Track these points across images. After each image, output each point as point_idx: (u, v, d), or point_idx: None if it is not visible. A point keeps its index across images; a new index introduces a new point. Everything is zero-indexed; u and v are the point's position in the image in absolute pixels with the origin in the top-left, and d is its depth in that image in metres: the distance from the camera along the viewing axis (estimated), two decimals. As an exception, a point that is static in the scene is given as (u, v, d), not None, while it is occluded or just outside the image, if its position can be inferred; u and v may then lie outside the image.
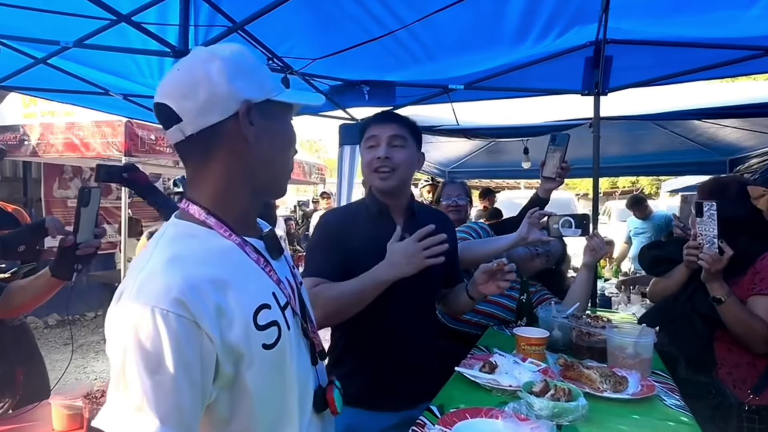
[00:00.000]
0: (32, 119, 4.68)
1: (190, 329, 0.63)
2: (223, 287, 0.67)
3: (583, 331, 1.53)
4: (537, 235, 1.70)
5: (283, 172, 0.81)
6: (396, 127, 1.41)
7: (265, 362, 0.71)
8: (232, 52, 0.74)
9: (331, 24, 2.30)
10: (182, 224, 0.74)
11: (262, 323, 0.70)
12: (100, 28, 2.16)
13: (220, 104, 0.71)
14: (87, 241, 1.26)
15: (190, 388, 0.63)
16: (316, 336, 0.85)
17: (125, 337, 0.62)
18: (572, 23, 2.24)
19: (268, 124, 0.75)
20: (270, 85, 0.76)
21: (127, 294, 0.65)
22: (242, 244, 0.74)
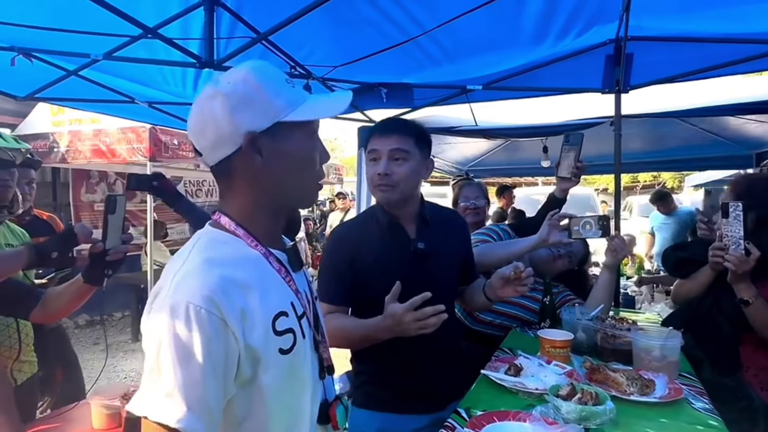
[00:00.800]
0: (61, 127, 4.84)
1: (219, 326, 0.68)
2: (248, 292, 0.73)
3: (608, 333, 1.53)
4: (557, 237, 1.70)
5: (303, 188, 0.83)
6: (397, 140, 1.37)
7: (280, 366, 0.75)
8: (235, 83, 0.76)
9: (350, 29, 2.33)
10: (215, 232, 0.80)
11: (279, 329, 0.76)
12: (128, 41, 2.23)
13: (226, 140, 0.76)
14: (115, 247, 1.32)
15: (215, 380, 0.68)
16: (326, 351, 0.89)
17: (161, 330, 0.67)
18: (592, 23, 2.23)
19: (280, 146, 0.77)
20: (278, 107, 0.76)
21: (165, 291, 0.70)
22: (267, 254, 0.80)
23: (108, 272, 1.31)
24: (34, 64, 2.47)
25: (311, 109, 0.78)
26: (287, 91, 0.78)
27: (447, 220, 1.55)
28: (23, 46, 2.37)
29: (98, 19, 2.01)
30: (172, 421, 0.65)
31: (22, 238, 1.89)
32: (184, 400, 0.66)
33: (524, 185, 12.78)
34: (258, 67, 0.79)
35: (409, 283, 1.34)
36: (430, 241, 1.42)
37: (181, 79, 2.96)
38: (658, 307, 3.30)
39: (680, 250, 1.82)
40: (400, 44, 2.29)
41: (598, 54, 2.62)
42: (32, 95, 2.87)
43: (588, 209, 8.99)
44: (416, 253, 1.40)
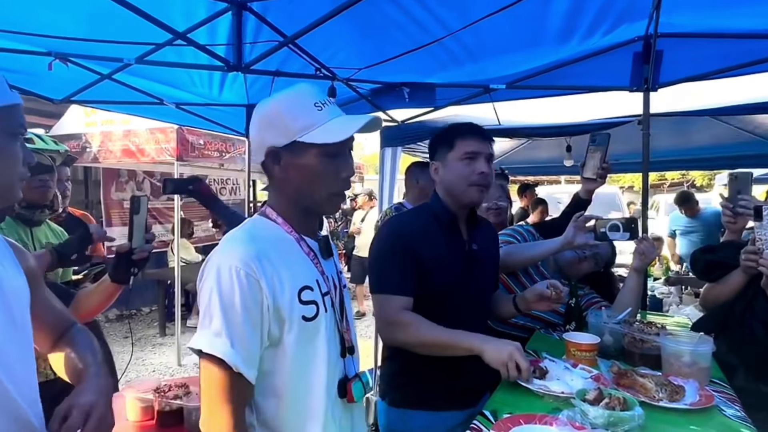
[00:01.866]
0: (93, 128, 5.00)
1: (254, 285, 0.86)
2: (280, 263, 0.90)
3: (635, 337, 1.51)
4: (583, 240, 1.70)
5: (316, 197, 0.96)
6: (491, 147, 1.48)
7: (302, 331, 0.91)
8: (268, 107, 0.96)
9: (375, 31, 2.35)
10: (260, 219, 1.00)
11: (304, 299, 0.92)
12: (159, 45, 2.30)
13: (258, 150, 0.98)
14: (140, 246, 1.36)
15: (252, 327, 0.86)
16: (348, 332, 1.03)
17: (212, 284, 0.86)
18: (620, 21, 2.19)
19: (295, 161, 0.94)
20: (294, 129, 0.92)
21: (216, 254, 0.90)
22: (299, 239, 0.99)
23: (134, 271, 1.36)
24: (69, 69, 2.57)
25: (323, 133, 0.92)
26: (308, 116, 0.93)
27: (485, 224, 1.61)
28: (60, 51, 2.47)
29: (131, 25, 2.08)
30: (219, 352, 0.83)
31: (61, 237, 1.98)
32: (229, 338, 0.84)
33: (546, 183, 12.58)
34: (291, 94, 0.96)
35: (463, 282, 1.42)
36: (479, 243, 1.50)
37: (208, 81, 3.04)
38: (687, 309, 3.22)
39: (709, 252, 1.78)
40: (424, 46, 2.29)
41: (625, 52, 2.58)
42: (68, 98, 2.98)
43: (613, 208, 8.80)
44: (470, 253, 1.47)
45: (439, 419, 1.44)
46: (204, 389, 0.87)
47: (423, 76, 3.02)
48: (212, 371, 0.85)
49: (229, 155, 5.23)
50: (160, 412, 1.64)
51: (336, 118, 0.94)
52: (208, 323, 0.86)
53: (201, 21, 2.12)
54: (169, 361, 4.87)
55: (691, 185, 21.39)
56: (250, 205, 6.53)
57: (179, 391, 1.67)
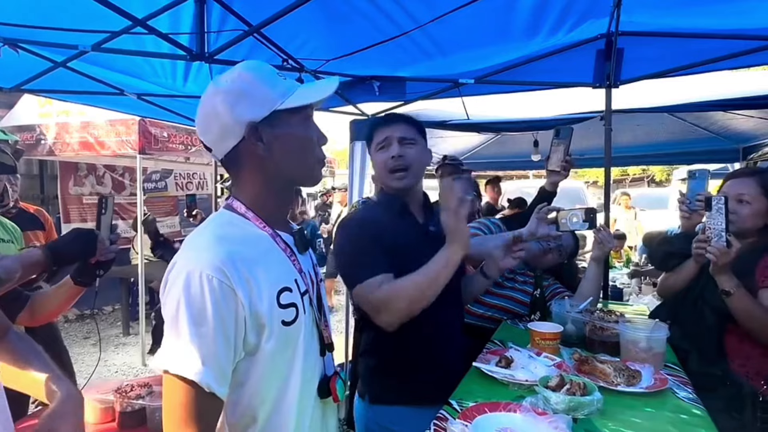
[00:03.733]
0: (48, 119, 4.76)
1: (228, 293, 0.77)
2: (255, 266, 0.81)
3: (596, 325, 1.56)
4: (546, 231, 1.73)
5: (305, 166, 0.91)
6: (405, 127, 1.47)
7: (281, 337, 0.83)
8: (233, 80, 0.86)
9: (343, 22, 2.32)
10: (227, 214, 0.90)
11: (283, 302, 0.84)
12: (117, 32, 2.20)
13: (230, 132, 0.85)
14: (107, 248, 1.31)
15: (224, 341, 0.77)
16: (326, 329, 0.97)
17: (179, 294, 0.76)
18: (584, 17, 2.24)
19: (279, 132, 0.86)
20: (273, 97, 0.85)
21: (182, 261, 0.79)
22: (273, 235, 0.90)
23: (99, 272, 1.31)
24: (20, 56, 2.43)
25: (303, 96, 0.86)
26: (281, 83, 0.87)
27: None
28: (10, 36, 2.32)
29: (87, 11, 1.98)
30: (189, 373, 0.74)
31: (14, 233, 1.87)
32: (199, 355, 0.75)
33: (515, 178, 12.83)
34: (252, 65, 0.89)
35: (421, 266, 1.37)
36: (437, 225, 1.45)
37: (171, 71, 2.93)
38: (646, 299, 3.37)
39: (666, 244, 1.85)
40: (393, 38, 2.29)
41: (589, 49, 2.64)
42: (18, 87, 2.81)
43: (578, 202, 9.07)
44: (428, 235, 1.47)
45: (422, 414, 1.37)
46: (169, 410, 0.77)
47: (393, 69, 3.01)
48: (179, 391, 0.76)
49: (195, 148, 5.08)
50: (122, 413, 1.58)
51: (303, 86, 0.89)
52: (175, 338, 0.76)
53: (162, 7, 2.03)
54: (133, 361, 4.72)
55: (651, 180, 22.29)
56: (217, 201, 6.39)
57: (142, 391, 1.61)
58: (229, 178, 0.98)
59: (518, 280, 2.08)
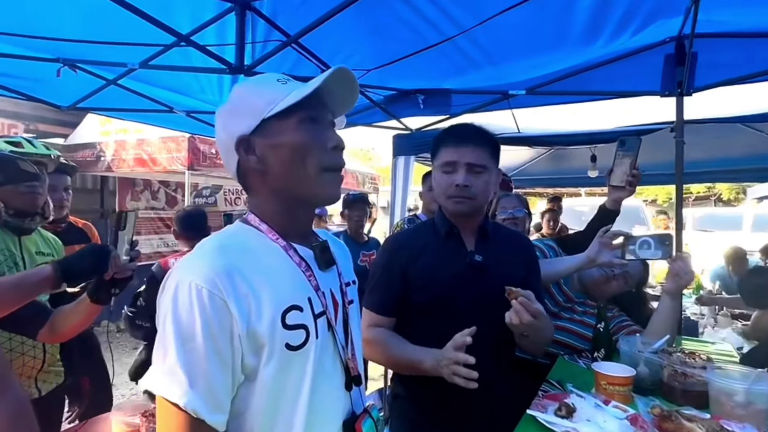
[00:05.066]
0: (107, 137, 5.02)
1: (220, 307, 0.69)
2: (258, 279, 0.73)
3: (677, 370, 1.32)
4: (608, 258, 1.55)
5: (306, 177, 0.79)
6: (474, 151, 1.30)
7: (284, 362, 0.73)
8: (229, 98, 0.82)
9: (385, 32, 2.23)
10: (241, 225, 0.83)
11: (290, 323, 0.74)
12: (163, 49, 2.23)
13: (229, 152, 0.81)
14: (123, 265, 1.26)
15: (218, 361, 0.68)
16: (352, 359, 0.84)
17: (167, 305, 0.69)
18: (652, 17, 2.02)
19: (271, 142, 0.78)
20: (260, 106, 0.77)
21: (176, 270, 0.72)
22: (287, 247, 0.81)
23: (115, 291, 1.26)
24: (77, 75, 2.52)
25: (292, 97, 0.77)
26: (272, 90, 0.79)
27: (510, 237, 1.44)
28: (68, 57, 2.42)
29: (136, 29, 2.02)
30: (174, 396, 0.66)
31: (54, 246, 1.88)
32: (186, 376, 0.67)
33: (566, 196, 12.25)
34: (250, 79, 0.85)
35: (461, 295, 1.29)
36: (488, 255, 1.34)
37: (218, 87, 2.96)
38: (724, 333, 2.96)
39: (761, 275, 1.57)
40: (437, 44, 2.17)
41: (655, 54, 2.40)
42: (75, 105, 2.94)
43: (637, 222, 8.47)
44: (472, 265, 1.32)
45: None
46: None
47: (438, 81, 2.90)
48: (169, 416, 0.68)
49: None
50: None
51: (300, 87, 0.79)
52: (162, 357, 0.68)
53: (206, 22, 2.04)
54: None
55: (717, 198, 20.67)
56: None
57: (167, 416, 1.54)
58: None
59: (577, 310, 1.85)
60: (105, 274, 1.26)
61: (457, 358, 1.11)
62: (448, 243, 1.36)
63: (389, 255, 1.40)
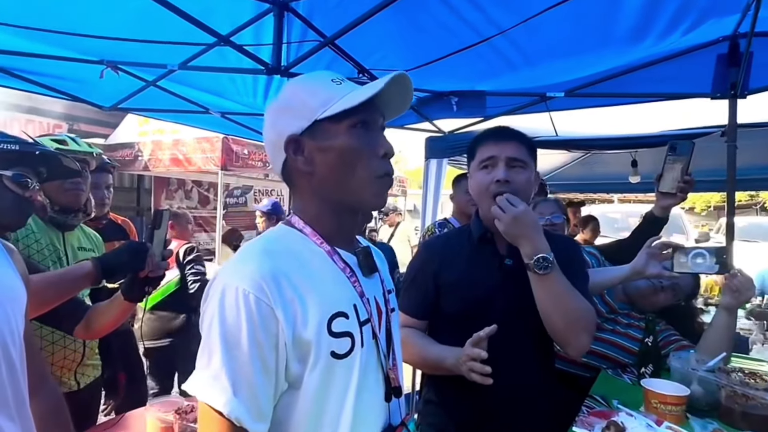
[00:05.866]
0: (145, 137, 5.17)
1: (267, 313, 0.67)
2: (305, 284, 0.71)
3: (737, 391, 1.22)
4: (657, 270, 1.46)
5: (355, 183, 0.77)
6: (515, 146, 1.26)
7: (329, 371, 0.71)
8: (280, 95, 0.80)
9: (421, 33, 2.20)
10: (284, 228, 0.81)
11: (336, 330, 0.72)
12: (202, 50, 2.26)
13: (276, 150, 0.79)
14: (158, 263, 1.27)
15: (262, 368, 0.67)
16: (393, 370, 0.81)
17: (213, 310, 0.68)
18: (705, 16, 1.91)
19: (321, 144, 0.76)
20: (313, 107, 0.75)
21: (222, 274, 0.71)
22: (331, 252, 0.78)
23: (148, 289, 1.27)
24: (119, 77, 2.59)
25: (349, 99, 0.74)
26: (326, 91, 0.76)
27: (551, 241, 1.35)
28: (111, 59, 2.49)
29: (175, 30, 2.05)
30: (218, 403, 0.65)
31: (95, 242, 1.93)
32: (230, 383, 0.66)
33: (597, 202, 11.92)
34: (305, 76, 0.82)
35: (495, 304, 1.25)
36: (515, 259, 1.27)
37: (252, 88, 2.99)
38: (777, 350, 2.78)
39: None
40: (474, 45, 2.11)
41: (705, 54, 2.28)
42: (116, 105, 3.02)
43: (676, 231, 8.13)
44: (504, 270, 1.28)
45: None
46: None
47: (473, 83, 2.83)
48: (210, 422, 0.67)
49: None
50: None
51: (355, 89, 0.76)
52: (206, 362, 0.67)
53: (244, 23, 2.05)
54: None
55: (761, 207, 19.65)
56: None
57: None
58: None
59: (621, 322, 1.76)
60: (140, 272, 1.27)
61: (471, 353, 1.09)
62: (482, 248, 1.32)
63: (423, 259, 1.40)
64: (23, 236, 1.59)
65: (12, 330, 0.85)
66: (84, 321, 1.38)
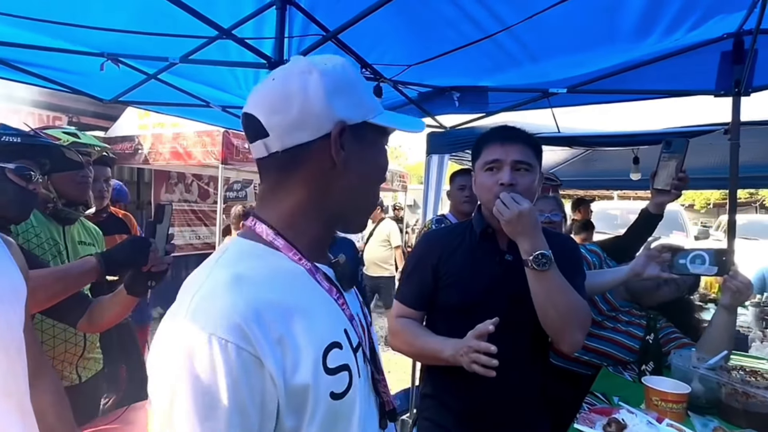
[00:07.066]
0: (145, 130, 5.15)
1: (252, 366, 0.52)
2: (291, 317, 0.57)
3: (738, 389, 1.23)
4: (655, 272, 1.49)
5: (366, 204, 0.72)
6: (521, 149, 1.26)
7: (330, 416, 0.58)
8: (334, 66, 0.65)
9: (425, 28, 2.18)
10: (247, 243, 0.64)
11: (332, 365, 0.59)
12: (204, 44, 2.24)
13: (313, 122, 0.62)
14: (161, 258, 1.26)
15: None
16: (386, 392, 0.72)
17: (175, 371, 0.52)
18: (711, 13, 1.90)
19: (361, 150, 0.67)
20: (369, 105, 0.67)
21: (182, 317, 0.54)
22: (313, 270, 0.65)
23: (151, 284, 1.27)
24: (119, 69, 2.57)
25: (391, 119, 0.69)
26: (372, 95, 0.70)
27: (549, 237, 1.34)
28: (111, 51, 2.47)
29: (177, 23, 2.04)
30: None
31: (96, 236, 1.92)
32: None
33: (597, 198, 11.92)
34: (348, 64, 0.69)
35: (493, 298, 1.26)
36: (515, 254, 1.27)
37: (254, 82, 2.98)
38: (774, 348, 2.78)
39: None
40: (478, 41, 2.10)
41: (709, 51, 2.27)
42: (117, 98, 3.00)
43: (676, 228, 8.12)
44: (504, 265, 1.29)
45: None
46: None
47: (475, 78, 2.82)
48: None
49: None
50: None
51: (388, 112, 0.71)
52: None
53: (246, 16, 2.04)
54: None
55: (760, 205, 19.64)
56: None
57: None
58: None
59: (621, 319, 1.76)
60: (143, 267, 1.27)
61: (478, 346, 1.10)
62: (483, 243, 1.34)
63: (422, 250, 1.42)
64: (23, 230, 1.59)
65: (11, 323, 0.85)
66: (87, 315, 1.38)
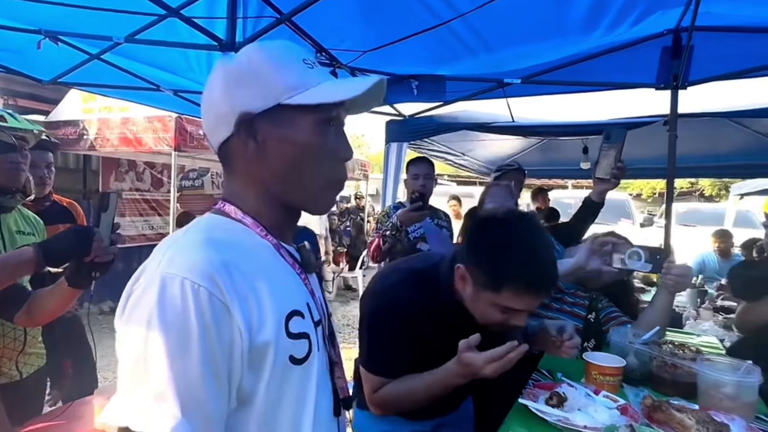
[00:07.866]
0: (90, 114, 4.86)
1: (221, 312, 0.55)
2: (257, 279, 0.60)
3: (667, 362, 1.33)
4: (596, 265, 1.58)
5: (304, 186, 0.68)
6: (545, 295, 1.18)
7: (287, 380, 0.61)
8: (240, 59, 0.68)
9: (381, 14, 2.18)
10: (216, 217, 0.68)
11: (293, 331, 0.62)
12: (151, 23, 2.14)
13: (223, 121, 0.66)
14: (105, 248, 1.20)
15: (216, 384, 0.55)
16: (342, 379, 0.73)
17: (149, 311, 0.54)
18: (652, 9, 2.00)
19: (278, 133, 0.66)
20: (281, 87, 0.64)
21: (154, 268, 0.57)
22: (278, 246, 0.69)
23: (95, 275, 1.20)
24: (59, 48, 2.41)
25: (323, 93, 0.65)
26: (298, 72, 0.66)
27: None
28: (49, 29, 2.31)
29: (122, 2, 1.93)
30: (166, 428, 0.52)
31: (35, 225, 1.82)
32: (179, 403, 0.52)
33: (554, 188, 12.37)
34: (274, 44, 0.69)
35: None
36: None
37: (207, 65, 2.86)
38: (706, 325, 3.02)
39: (751, 268, 1.59)
40: (432, 28, 2.12)
41: (652, 46, 2.40)
42: (56, 79, 2.82)
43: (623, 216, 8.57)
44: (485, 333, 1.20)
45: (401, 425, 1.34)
46: None
47: (433, 67, 2.85)
48: None
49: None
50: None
51: (330, 80, 0.67)
52: (142, 379, 0.53)
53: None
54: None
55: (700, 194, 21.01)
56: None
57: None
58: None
59: (567, 300, 1.85)
60: (86, 257, 1.20)
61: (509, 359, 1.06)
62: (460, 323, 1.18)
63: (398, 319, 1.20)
64: (-47, 219, 1.48)
65: None
66: (25, 308, 1.30)
